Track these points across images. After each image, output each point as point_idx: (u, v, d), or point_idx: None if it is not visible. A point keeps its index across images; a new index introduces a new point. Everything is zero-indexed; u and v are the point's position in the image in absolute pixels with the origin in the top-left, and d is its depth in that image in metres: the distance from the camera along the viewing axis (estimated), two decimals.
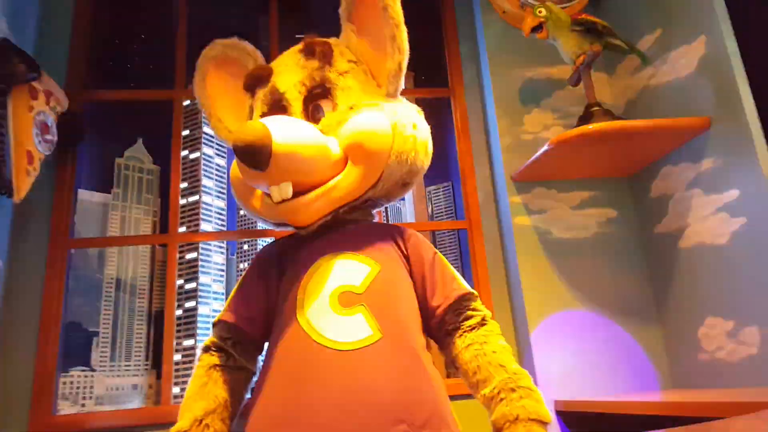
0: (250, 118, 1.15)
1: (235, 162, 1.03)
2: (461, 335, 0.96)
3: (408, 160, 1.00)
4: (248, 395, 1.00)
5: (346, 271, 0.96)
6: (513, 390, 0.88)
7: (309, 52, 1.07)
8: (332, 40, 1.11)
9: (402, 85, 1.07)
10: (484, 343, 0.94)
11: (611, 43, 1.55)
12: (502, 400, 0.88)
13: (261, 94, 1.10)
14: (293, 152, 0.89)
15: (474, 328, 0.96)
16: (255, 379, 1.02)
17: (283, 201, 0.95)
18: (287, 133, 0.89)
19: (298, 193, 0.94)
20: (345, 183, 0.98)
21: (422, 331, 0.98)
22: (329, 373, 0.86)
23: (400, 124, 0.99)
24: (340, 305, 0.92)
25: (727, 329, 1.34)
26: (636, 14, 1.67)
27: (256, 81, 1.11)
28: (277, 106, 1.07)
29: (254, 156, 0.86)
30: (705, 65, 1.39)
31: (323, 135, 0.97)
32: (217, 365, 0.98)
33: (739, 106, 1.28)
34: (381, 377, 0.86)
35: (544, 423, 0.86)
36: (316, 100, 1.05)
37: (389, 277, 0.97)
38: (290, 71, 1.07)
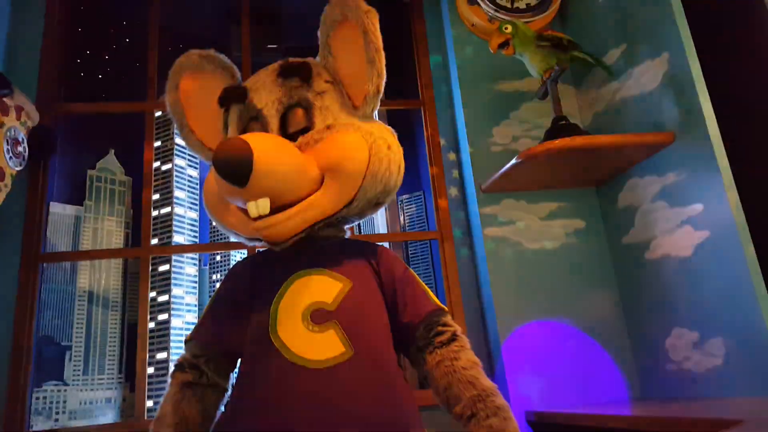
0: (225, 134, 1.15)
1: (209, 176, 1.04)
2: (432, 351, 0.98)
3: (382, 179, 1.01)
4: (220, 411, 1.01)
5: (317, 288, 0.97)
6: (481, 408, 0.90)
7: (287, 72, 1.07)
8: (310, 60, 1.12)
9: (378, 106, 1.09)
10: (454, 359, 0.96)
11: (577, 56, 1.58)
12: (471, 417, 0.90)
13: (236, 110, 1.10)
14: (273, 170, 0.90)
15: (444, 344, 0.98)
16: (227, 395, 1.03)
17: (260, 217, 0.96)
18: (268, 150, 0.90)
19: (274, 210, 0.95)
20: (321, 201, 0.98)
21: (394, 347, 1.00)
22: (302, 392, 0.87)
23: (376, 145, 1.00)
24: (312, 323, 0.92)
25: (693, 340, 1.37)
26: (601, 29, 1.71)
27: (231, 97, 1.10)
28: (254, 123, 1.07)
29: (235, 172, 0.87)
30: (669, 81, 1.43)
31: (302, 153, 0.98)
32: (190, 383, 0.98)
33: (702, 122, 1.32)
34: (353, 395, 0.87)
35: None
36: (293, 118, 1.05)
37: (360, 294, 0.98)
38: (267, 89, 1.07)
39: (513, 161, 1.49)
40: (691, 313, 1.38)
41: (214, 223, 1.11)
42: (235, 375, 1.01)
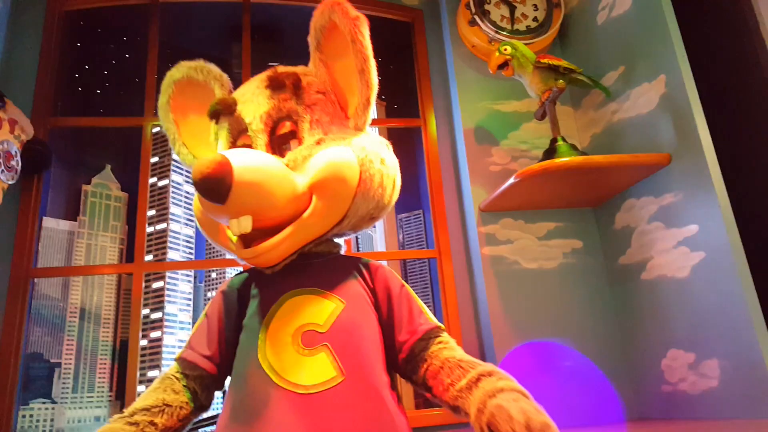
0: (216, 147, 1.11)
1: (197, 195, 0.98)
2: (428, 348, 0.94)
3: (375, 196, 0.98)
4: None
5: (309, 309, 0.94)
6: (491, 374, 0.86)
7: (276, 85, 1.03)
8: (299, 70, 1.08)
9: (371, 118, 1.05)
10: (454, 349, 0.93)
11: (575, 78, 1.59)
12: (479, 382, 0.85)
13: (226, 123, 1.06)
14: (254, 186, 0.86)
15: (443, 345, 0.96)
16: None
17: (244, 237, 0.92)
18: (249, 165, 0.86)
19: (259, 230, 0.91)
20: (309, 223, 0.95)
21: (387, 368, 0.97)
22: (291, 417, 0.84)
23: (367, 160, 0.97)
24: (302, 346, 0.89)
25: (689, 361, 1.36)
26: (600, 51, 1.72)
27: (220, 110, 1.06)
28: (242, 136, 1.04)
29: (213, 189, 0.84)
30: (665, 103, 1.43)
31: (288, 169, 0.94)
32: (170, 377, 0.96)
33: (698, 144, 1.32)
34: (343, 421, 0.84)
35: (528, 397, 0.82)
36: (282, 132, 1.02)
37: (353, 314, 0.95)
38: (255, 102, 1.03)
39: (511, 180, 1.49)
40: (686, 334, 1.37)
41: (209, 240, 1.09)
42: (223, 396, 0.99)
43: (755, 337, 1.17)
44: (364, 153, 0.97)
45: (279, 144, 1.01)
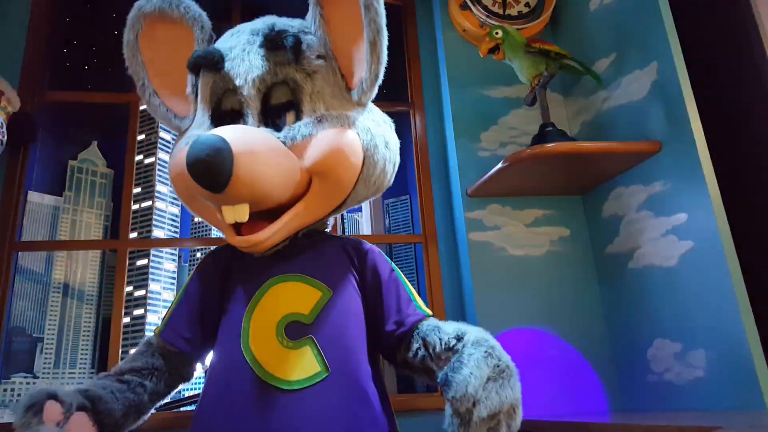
0: (195, 102, 1.01)
1: (177, 164, 0.90)
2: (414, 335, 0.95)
3: (376, 182, 0.96)
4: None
5: (294, 297, 0.91)
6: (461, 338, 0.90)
7: (273, 46, 0.93)
8: (298, 26, 0.98)
9: (374, 95, 0.97)
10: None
11: (566, 64, 1.59)
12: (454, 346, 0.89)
13: (210, 80, 0.95)
14: (255, 176, 0.80)
15: None
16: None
17: (237, 224, 0.87)
18: (251, 152, 0.79)
19: (254, 214, 0.86)
20: (307, 209, 0.91)
21: (370, 354, 0.94)
22: (273, 414, 0.82)
23: (372, 145, 0.92)
24: (287, 338, 0.87)
25: (675, 351, 1.36)
26: (592, 38, 1.71)
27: (203, 65, 0.95)
28: (230, 96, 0.95)
29: (210, 178, 0.76)
30: (657, 91, 1.43)
31: (288, 150, 0.88)
32: (151, 344, 0.95)
33: (689, 132, 1.31)
34: (327, 419, 0.83)
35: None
36: (277, 102, 0.94)
37: (340, 304, 0.92)
38: (247, 61, 0.92)
39: (499, 165, 1.48)
40: (673, 323, 1.37)
41: (197, 218, 1.04)
42: (203, 376, 0.96)
43: (742, 328, 1.17)
44: (370, 136, 0.93)
45: (273, 114, 0.94)
